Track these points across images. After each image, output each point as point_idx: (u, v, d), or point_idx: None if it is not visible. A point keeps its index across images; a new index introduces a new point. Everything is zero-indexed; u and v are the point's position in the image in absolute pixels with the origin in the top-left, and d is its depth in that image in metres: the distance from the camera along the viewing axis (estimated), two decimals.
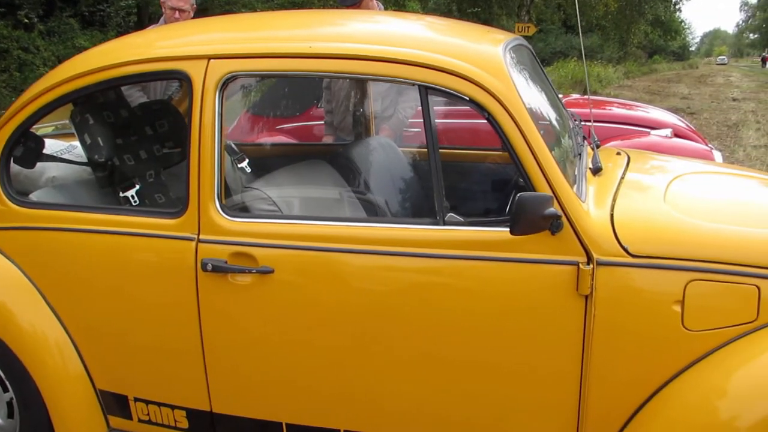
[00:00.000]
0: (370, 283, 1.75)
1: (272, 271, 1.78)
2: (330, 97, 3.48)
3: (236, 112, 4.88)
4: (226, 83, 1.84)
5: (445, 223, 1.71)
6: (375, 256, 1.74)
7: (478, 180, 2.83)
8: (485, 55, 1.75)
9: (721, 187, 2.20)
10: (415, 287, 1.74)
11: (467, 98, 1.67)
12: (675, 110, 12.68)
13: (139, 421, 2.07)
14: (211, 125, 1.83)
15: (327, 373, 1.84)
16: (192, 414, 2.00)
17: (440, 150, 2.89)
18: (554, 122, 2.10)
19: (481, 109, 1.67)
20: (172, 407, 2.01)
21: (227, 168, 2.55)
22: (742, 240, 1.66)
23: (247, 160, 2.82)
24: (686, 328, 1.62)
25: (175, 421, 2.02)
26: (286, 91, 5.06)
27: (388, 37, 1.84)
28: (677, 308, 1.61)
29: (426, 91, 1.70)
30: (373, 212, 2.35)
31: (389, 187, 2.53)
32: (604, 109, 5.68)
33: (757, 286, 1.60)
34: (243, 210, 2.01)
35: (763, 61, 63.77)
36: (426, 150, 1.75)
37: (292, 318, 1.81)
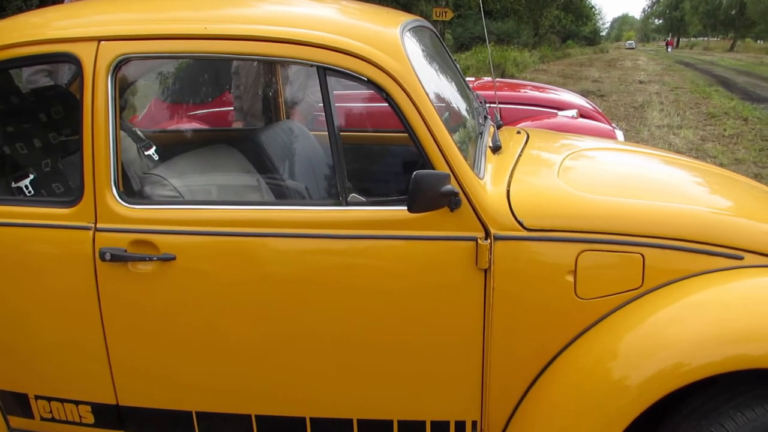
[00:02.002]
0: (273, 267, 1.75)
1: (174, 258, 1.75)
2: (239, 82, 3.42)
3: (148, 99, 4.71)
4: (118, 66, 1.78)
5: (347, 204, 1.73)
6: (278, 239, 1.74)
7: (392, 162, 2.86)
8: (382, 36, 1.76)
9: (613, 162, 2.32)
10: (320, 268, 1.74)
11: (365, 78, 1.69)
12: (586, 93, 13.21)
13: (42, 419, 1.99)
14: (104, 110, 1.76)
15: (235, 359, 1.82)
16: (98, 408, 1.94)
17: (360, 134, 2.96)
18: (456, 102, 2.15)
19: (378, 89, 1.69)
20: (76, 403, 1.95)
21: (132, 156, 2.47)
22: (628, 211, 1.76)
23: (154, 148, 2.73)
24: (579, 297, 1.70)
25: (80, 416, 1.96)
26: (197, 77, 4.92)
27: (287, 19, 1.82)
28: (570, 278, 1.69)
29: (324, 72, 1.70)
30: (282, 196, 2.34)
31: (298, 170, 2.52)
32: (518, 91, 5.86)
33: (641, 254, 1.70)
34: (142, 197, 1.96)
35: (667, 45, 67.38)
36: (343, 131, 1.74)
37: (196, 305, 1.79)
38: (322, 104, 1.78)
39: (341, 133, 3.09)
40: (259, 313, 1.77)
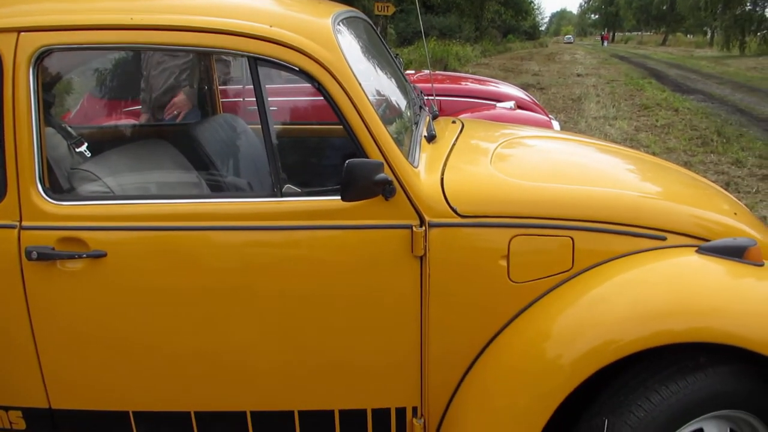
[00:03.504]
0: (207, 260, 1.72)
1: (105, 255, 1.71)
2: (145, 77, 3.40)
3: (80, 96, 4.57)
4: (40, 58, 1.72)
5: (282, 195, 1.72)
6: (211, 233, 1.71)
7: (333, 155, 2.86)
8: (314, 26, 1.76)
9: (545, 149, 2.38)
10: (256, 261, 1.73)
11: (296, 68, 1.68)
12: (527, 86, 13.50)
13: None
14: (26, 104, 1.70)
15: (171, 358, 1.79)
16: (29, 413, 1.87)
17: (301, 127, 2.94)
18: (392, 92, 2.17)
19: (310, 79, 1.68)
20: (6, 408, 1.88)
21: (62, 153, 2.38)
22: (557, 196, 1.80)
23: (86, 144, 2.65)
24: (512, 281, 1.74)
25: (11, 422, 1.89)
26: (131, 72, 4.79)
27: (216, 8, 1.79)
28: (503, 263, 1.73)
29: (255, 62, 1.69)
30: (217, 189, 2.30)
31: (234, 163, 2.49)
32: (459, 84, 5.96)
33: (571, 237, 1.75)
34: (70, 193, 1.90)
35: (602, 39, 69.46)
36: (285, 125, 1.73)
37: (129, 302, 1.74)
38: (272, 99, 1.75)
39: (282, 127, 3.10)
40: (194, 309, 1.75)
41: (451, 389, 1.81)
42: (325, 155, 2.87)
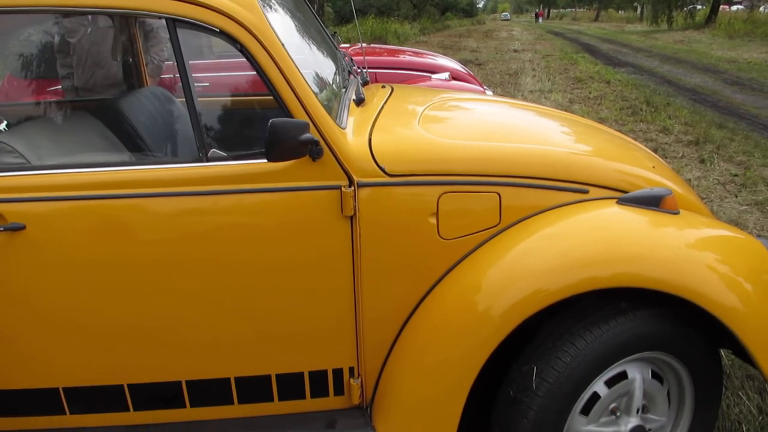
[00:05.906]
0: (132, 230, 1.68)
1: (24, 228, 1.65)
2: (65, 61, 3.25)
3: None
4: None
5: (208, 159, 1.69)
6: (136, 200, 1.67)
7: (263, 125, 2.82)
8: None
9: (472, 110, 2.41)
10: (184, 227, 1.69)
11: (217, 30, 1.64)
12: (465, 62, 13.60)
13: None
14: None
15: (97, 330, 1.75)
16: None
17: (229, 98, 2.88)
18: (318, 56, 2.15)
19: (232, 41, 1.65)
20: None
21: None
22: (483, 153, 1.83)
23: (5, 122, 2.54)
24: (442, 238, 1.77)
25: None
26: (54, 50, 4.59)
27: None
28: (433, 220, 1.75)
29: (174, 24, 1.64)
30: (142, 159, 2.25)
31: (161, 135, 2.43)
32: (397, 56, 5.98)
33: (498, 193, 1.79)
34: None
35: (536, 16, 70.58)
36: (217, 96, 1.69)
37: (52, 275, 1.69)
38: (204, 75, 1.69)
39: (213, 99, 3.04)
40: (120, 280, 1.70)
41: (387, 348, 1.83)
42: (257, 126, 2.83)
